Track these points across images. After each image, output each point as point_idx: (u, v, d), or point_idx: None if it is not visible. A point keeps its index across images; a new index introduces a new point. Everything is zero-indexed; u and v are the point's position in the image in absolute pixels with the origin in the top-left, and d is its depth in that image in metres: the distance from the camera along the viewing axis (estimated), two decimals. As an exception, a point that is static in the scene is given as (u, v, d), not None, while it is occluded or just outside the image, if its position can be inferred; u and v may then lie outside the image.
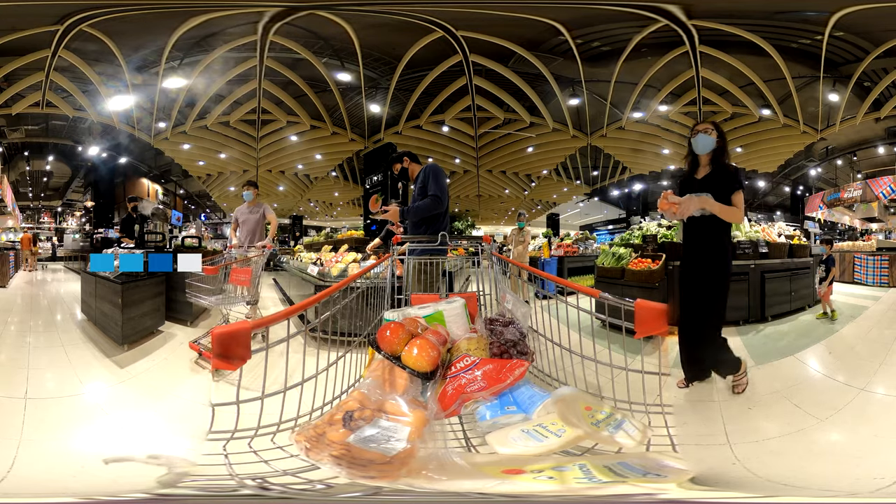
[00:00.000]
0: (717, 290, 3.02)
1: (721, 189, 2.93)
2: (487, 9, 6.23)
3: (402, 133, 8.34)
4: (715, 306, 3.03)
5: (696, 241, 3.09)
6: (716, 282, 3.01)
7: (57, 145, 7.80)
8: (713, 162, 3.07)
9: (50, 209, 8.62)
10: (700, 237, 3.06)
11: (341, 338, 1.44)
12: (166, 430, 2.52)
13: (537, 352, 1.54)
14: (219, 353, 0.85)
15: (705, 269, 3.02)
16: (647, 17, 6.20)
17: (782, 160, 8.23)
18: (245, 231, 5.37)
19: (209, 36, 6.71)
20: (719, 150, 3.05)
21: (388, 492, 0.93)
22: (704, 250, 3.05)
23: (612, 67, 7.10)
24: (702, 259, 3.05)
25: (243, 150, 8.64)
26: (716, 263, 3.02)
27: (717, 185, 2.96)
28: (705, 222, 2.99)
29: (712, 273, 3.01)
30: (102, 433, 2.47)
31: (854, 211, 8.45)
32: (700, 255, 3.07)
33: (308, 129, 8.47)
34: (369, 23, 6.59)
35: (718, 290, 3.02)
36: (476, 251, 2.10)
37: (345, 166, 9.68)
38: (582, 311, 1.36)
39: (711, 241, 3.02)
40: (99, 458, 2.16)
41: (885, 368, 3.36)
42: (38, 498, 1.87)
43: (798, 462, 2.24)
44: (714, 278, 3.01)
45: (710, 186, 2.97)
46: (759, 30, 6.34)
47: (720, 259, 3.03)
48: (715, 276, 3.01)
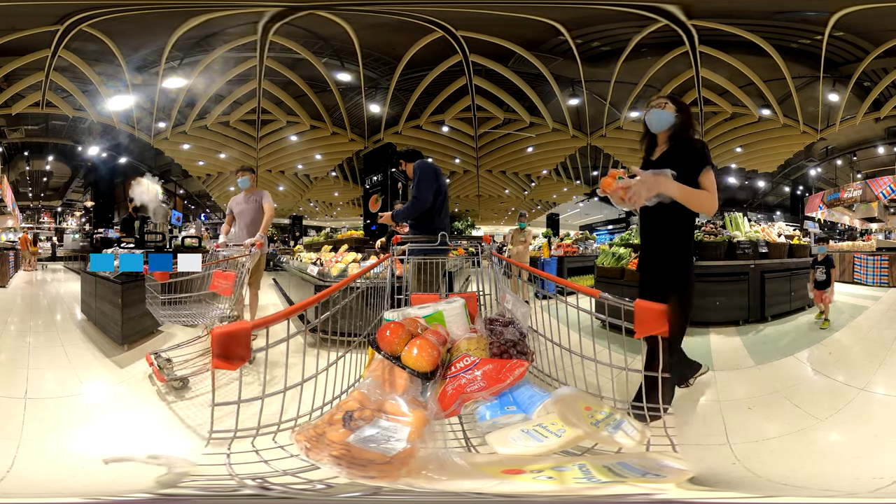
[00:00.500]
0: (677, 303, 2.42)
1: (683, 168, 2.27)
2: (487, 9, 6.23)
3: (402, 133, 8.34)
4: (675, 320, 2.38)
5: (653, 240, 2.54)
6: (675, 293, 2.43)
7: (57, 145, 7.81)
8: (672, 139, 2.49)
9: (50, 209, 8.63)
10: (657, 234, 2.50)
11: (341, 338, 1.44)
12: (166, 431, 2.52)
13: (537, 352, 1.54)
14: (219, 353, 0.85)
15: (662, 277, 2.49)
16: (646, 17, 6.20)
17: (782, 160, 8.24)
18: (241, 224, 4.62)
19: (209, 36, 6.72)
20: (679, 125, 2.47)
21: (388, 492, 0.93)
22: (661, 252, 2.50)
23: (612, 67, 7.11)
24: (658, 263, 2.52)
25: (243, 150, 8.64)
26: (674, 269, 2.46)
27: (677, 164, 2.30)
28: (663, 213, 2.36)
29: (670, 282, 2.46)
30: (102, 433, 2.47)
31: (854, 211, 8.46)
32: (656, 257, 2.53)
33: (308, 129, 8.48)
34: (369, 23, 6.60)
35: (679, 303, 2.43)
36: (476, 251, 2.10)
37: (344, 166, 9.69)
38: (582, 312, 1.36)
39: (670, 239, 2.45)
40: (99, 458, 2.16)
41: (884, 368, 3.36)
42: (38, 498, 1.87)
43: (798, 462, 2.24)
44: (672, 288, 2.44)
45: (670, 165, 2.29)
46: (758, 30, 6.34)
47: (679, 263, 2.46)
48: (673, 286, 2.45)
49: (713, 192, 2.30)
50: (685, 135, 2.47)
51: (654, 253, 2.53)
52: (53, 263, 8.32)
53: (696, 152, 2.36)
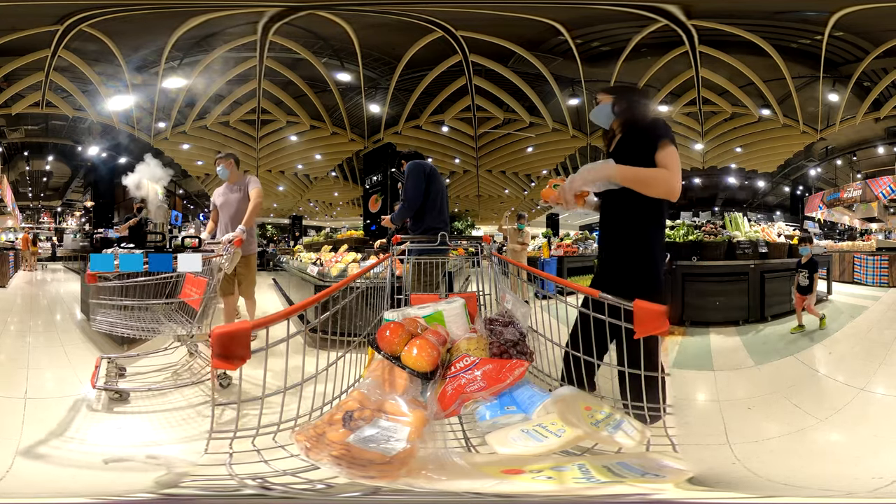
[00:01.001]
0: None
1: (638, 147, 1.99)
2: (487, 9, 6.23)
3: (402, 133, 8.34)
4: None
5: (609, 242, 2.17)
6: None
7: (57, 145, 7.80)
8: (622, 126, 2.17)
9: (50, 209, 8.62)
10: (613, 234, 2.14)
11: (341, 338, 1.44)
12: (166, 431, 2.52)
13: (537, 352, 1.54)
14: (218, 353, 0.85)
15: (619, 283, 2.02)
16: (646, 17, 6.20)
17: (782, 160, 8.23)
18: (225, 219, 3.98)
19: (209, 36, 6.72)
20: (620, 111, 2.18)
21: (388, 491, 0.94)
22: (620, 255, 2.10)
23: (612, 67, 7.10)
24: (617, 265, 2.11)
25: (243, 150, 8.64)
26: (635, 275, 2.04)
27: (632, 145, 2.04)
28: (618, 207, 2.07)
29: (631, 289, 1.61)
30: (102, 433, 2.47)
31: (854, 211, 8.45)
32: (615, 257, 2.13)
33: (308, 129, 8.47)
34: (369, 23, 6.60)
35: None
36: (476, 251, 2.10)
37: (344, 166, 9.68)
38: (582, 311, 1.36)
39: (628, 238, 2.05)
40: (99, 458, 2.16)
41: (884, 368, 3.36)
42: (38, 498, 1.87)
43: (798, 462, 2.24)
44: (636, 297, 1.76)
45: (625, 152, 2.04)
46: (758, 30, 6.34)
47: (641, 267, 2.04)
48: (636, 294, 1.68)
49: (672, 169, 1.92)
50: (633, 116, 2.16)
51: (611, 257, 2.15)
52: (53, 263, 8.31)
53: (647, 129, 2.03)
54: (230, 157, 4.09)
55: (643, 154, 1.97)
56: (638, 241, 2.05)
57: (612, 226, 2.14)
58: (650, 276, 2.05)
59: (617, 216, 2.10)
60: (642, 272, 2.04)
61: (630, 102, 2.20)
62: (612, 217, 2.14)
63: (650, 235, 2.05)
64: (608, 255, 2.17)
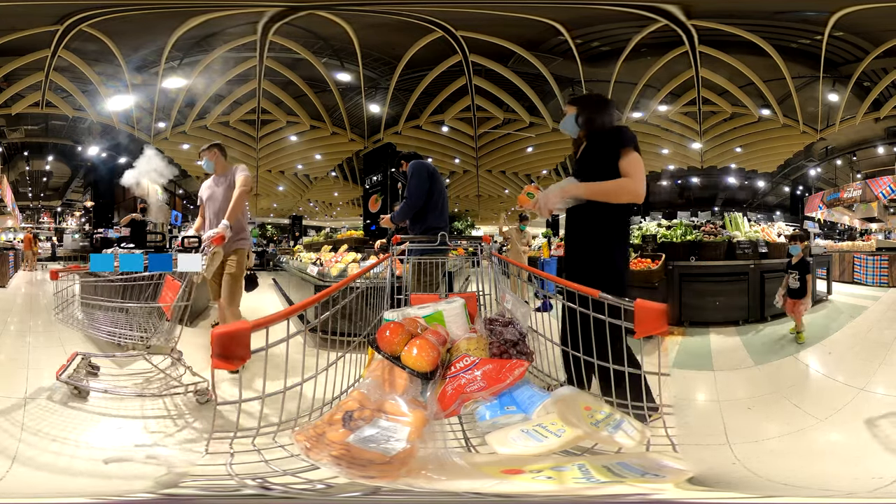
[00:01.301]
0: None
1: (603, 156, 2.16)
2: (487, 9, 6.23)
3: (402, 133, 8.34)
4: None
5: (575, 247, 2.30)
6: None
7: (57, 145, 7.80)
8: (588, 134, 2.33)
9: (49, 209, 8.63)
10: (577, 239, 2.28)
11: (341, 338, 1.44)
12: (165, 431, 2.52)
13: (537, 352, 1.54)
14: (218, 353, 0.85)
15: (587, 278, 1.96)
16: (646, 17, 6.20)
17: (782, 160, 8.24)
18: (211, 214, 3.67)
19: (209, 36, 6.72)
20: (585, 121, 2.31)
21: (388, 491, 0.93)
22: (585, 260, 2.23)
23: (612, 67, 7.11)
24: (581, 264, 2.25)
25: (243, 150, 8.64)
26: (600, 270, 2.18)
27: (596, 154, 2.21)
28: (583, 217, 2.21)
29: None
30: (102, 433, 2.47)
31: (853, 211, 8.46)
32: (580, 267, 2.25)
33: (308, 129, 8.48)
34: (369, 23, 6.60)
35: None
36: (475, 251, 2.10)
37: (344, 166, 9.69)
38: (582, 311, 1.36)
39: (592, 244, 2.21)
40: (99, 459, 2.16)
41: (884, 368, 3.36)
42: (38, 498, 1.87)
43: (798, 462, 2.24)
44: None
45: (590, 160, 2.23)
46: (758, 30, 6.35)
47: (608, 272, 2.18)
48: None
49: (635, 176, 2.08)
50: (598, 126, 2.30)
51: (576, 260, 2.28)
52: (53, 263, 8.32)
53: (611, 137, 2.19)
54: (213, 148, 3.71)
55: (607, 162, 2.13)
56: (600, 250, 2.20)
57: (576, 232, 2.29)
58: (613, 273, 2.19)
59: (582, 226, 2.25)
60: (605, 271, 2.18)
61: (592, 113, 2.33)
62: (576, 225, 2.28)
63: (612, 243, 2.20)
64: (573, 256, 2.32)
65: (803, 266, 4.13)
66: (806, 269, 4.12)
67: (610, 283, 2.00)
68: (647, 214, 9.22)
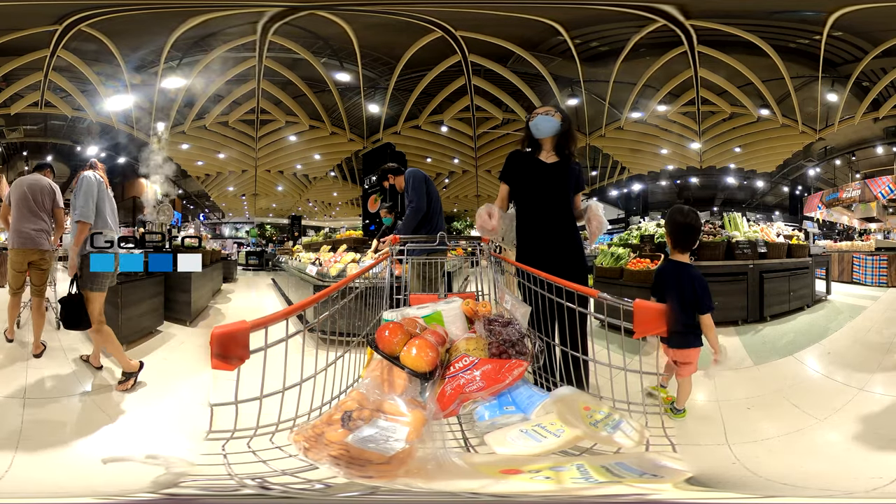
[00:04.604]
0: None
1: (570, 184, 2.63)
2: (486, 9, 6.23)
3: (401, 133, 8.34)
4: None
5: (548, 239, 2.64)
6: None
7: (56, 145, 7.79)
8: (559, 151, 2.66)
9: (49, 209, 8.60)
10: (552, 232, 2.65)
11: (340, 338, 1.44)
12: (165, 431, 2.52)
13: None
14: (217, 353, 0.85)
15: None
16: (645, 17, 6.20)
17: (781, 160, 8.24)
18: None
19: (208, 36, 6.71)
20: (564, 136, 2.63)
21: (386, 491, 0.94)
22: (561, 251, 2.61)
23: (611, 67, 7.11)
24: (560, 262, 2.56)
25: (242, 150, 8.63)
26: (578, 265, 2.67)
27: (567, 177, 2.62)
28: (555, 214, 2.65)
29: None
30: (102, 433, 2.47)
31: (852, 211, 8.46)
32: (555, 257, 2.58)
33: (307, 129, 8.47)
34: (369, 23, 6.60)
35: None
36: (474, 251, 2.10)
37: (343, 166, 9.67)
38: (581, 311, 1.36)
39: (566, 237, 2.66)
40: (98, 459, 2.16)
41: (883, 368, 3.37)
42: (38, 498, 1.87)
43: (797, 462, 2.25)
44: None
45: (561, 176, 2.61)
46: (757, 30, 6.35)
47: (581, 259, 2.69)
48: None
49: (597, 219, 2.56)
50: (570, 149, 2.66)
51: (550, 250, 2.59)
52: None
53: (580, 176, 2.71)
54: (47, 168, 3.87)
55: (571, 189, 2.62)
56: (572, 235, 2.63)
57: (548, 225, 2.62)
58: (583, 259, 2.66)
59: (552, 219, 2.61)
60: (579, 258, 2.64)
61: (571, 132, 2.65)
62: (545, 218, 2.62)
63: (576, 231, 2.65)
64: (546, 248, 2.61)
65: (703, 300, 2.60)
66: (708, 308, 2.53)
67: (583, 270, 2.63)
68: (647, 214, 9.23)
